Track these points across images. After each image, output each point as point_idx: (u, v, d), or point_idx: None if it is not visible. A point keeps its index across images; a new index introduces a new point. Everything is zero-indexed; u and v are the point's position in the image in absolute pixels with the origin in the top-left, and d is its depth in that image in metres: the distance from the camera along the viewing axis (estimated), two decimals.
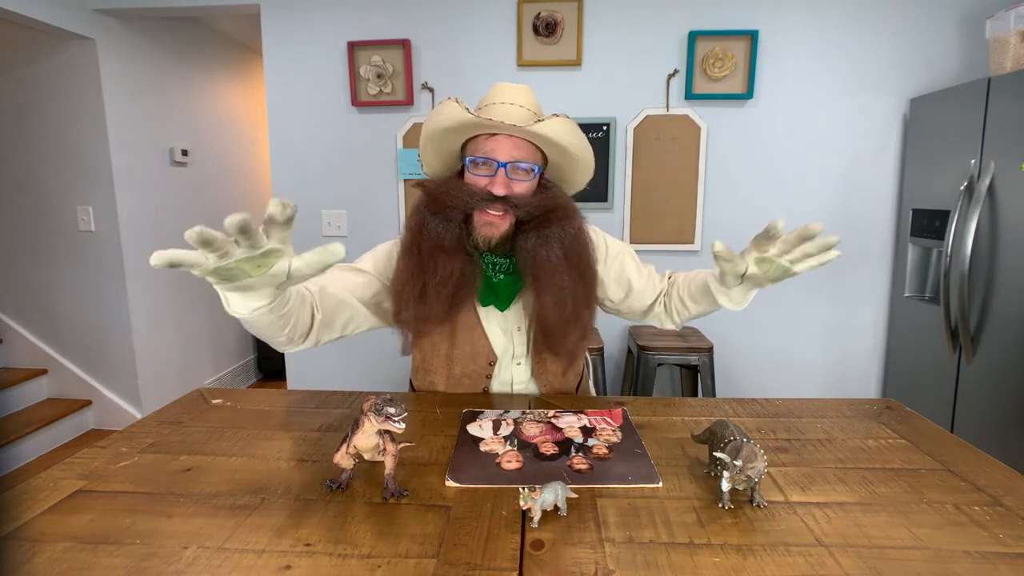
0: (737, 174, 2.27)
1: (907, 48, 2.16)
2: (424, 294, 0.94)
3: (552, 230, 0.94)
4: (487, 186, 0.93)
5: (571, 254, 0.96)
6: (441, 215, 0.94)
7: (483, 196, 0.92)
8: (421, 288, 0.94)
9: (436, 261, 0.93)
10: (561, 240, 0.95)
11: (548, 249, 0.94)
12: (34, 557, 0.59)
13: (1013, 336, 1.65)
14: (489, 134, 0.94)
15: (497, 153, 0.92)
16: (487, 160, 0.93)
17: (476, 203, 0.92)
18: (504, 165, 0.92)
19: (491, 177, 0.93)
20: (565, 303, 0.95)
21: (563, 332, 0.96)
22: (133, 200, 2.61)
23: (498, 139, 0.93)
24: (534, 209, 0.93)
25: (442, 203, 0.94)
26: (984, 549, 0.60)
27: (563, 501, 0.65)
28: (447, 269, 0.93)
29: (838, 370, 2.39)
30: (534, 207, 0.93)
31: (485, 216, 0.94)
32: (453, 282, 0.94)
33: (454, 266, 0.93)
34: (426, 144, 1.00)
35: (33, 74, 2.47)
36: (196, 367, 3.09)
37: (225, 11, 2.41)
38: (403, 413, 0.68)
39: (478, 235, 0.95)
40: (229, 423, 0.93)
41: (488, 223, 0.94)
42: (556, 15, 2.19)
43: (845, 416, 0.96)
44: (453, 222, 0.94)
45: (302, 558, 0.58)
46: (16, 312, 2.73)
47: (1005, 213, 1.67)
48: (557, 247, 0.94)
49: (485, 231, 0.94)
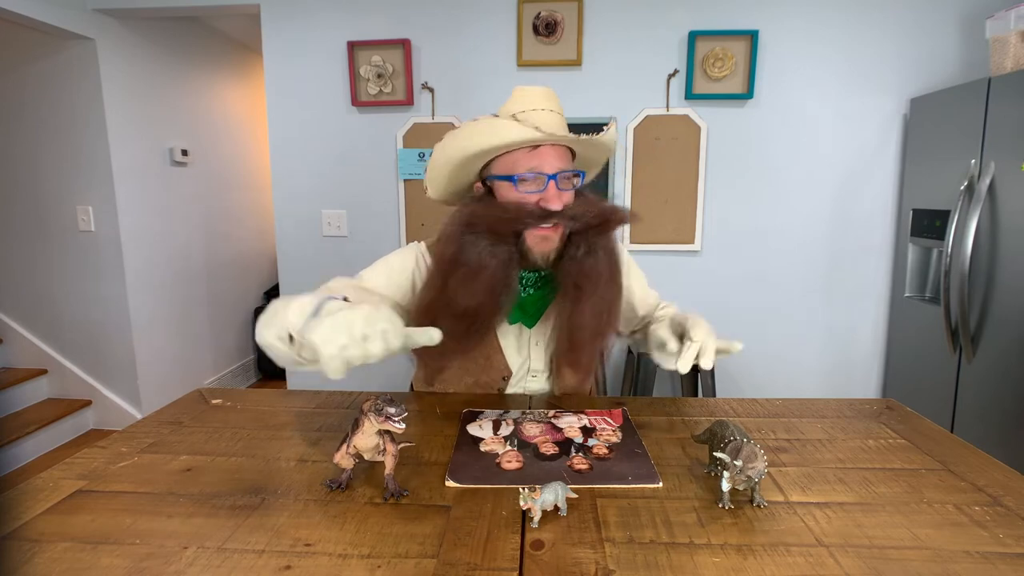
0: (737, 174, 2.27)
1: (907, 48, 2.16)
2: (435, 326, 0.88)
3: (599, 239, 0.92)
4: (539, 202, 0.89)
5: (612, 262, 0.94)
6: (488, 240, 0.88)
7: (539, 213, 0.88)
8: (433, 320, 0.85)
9: (465, 293, 0.88)
10: (606, 247, 0.93)
11: (595, 258, 0.91)
12: (34, 557, 0.59)
13: (1013, 336, 1.65)
14: (532, 147, 0.89)
15: (544, 166, 0.89)
16: (537, 175, 0.89)
17: (535, 221, 0.88)
18: (554, 177, 0.89)
19: (540, 192, 0.89)
20: (602, 313, 0.93)
21: (591, 344, 0.94)
22: (133, 200, 2.61)
23: (542, 151, 0.89)
24: (592, 218, 0.90)
25: (494, 227, 0.88)
26: (984, 549, 0.60)
27: (563, 501, 0.65)
28: (475, 302, 0.88)
29: (838, 370, 2.39)
30: (592, 216, 0.90)
31: (540, 232, 0.90)
32: (468, 318, 0.89)
33: (478, 300, 0.88)
34: (446, 168, 0.94)
35: (33, 74, 2.47)
36: (196, 367, 3.09)
37: (225, 11, 2.41)
38: (403, 413, 0.68)
39: (534, 253, 0.91)
40: (229, 423, 0.93)
41: (543, 238, 0.90)
42: (556, 15, 2.19)
43: (845, 416, 0.96)
44: (503, 245, 0.89)
45: (302, 558, 0.58)
46: (16, 312, 2.73)
47: (1005, 213, 1.67)
48: (603, 255, 0.92)
49: (541, 247, 0.91)
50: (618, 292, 0.96)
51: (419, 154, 2.32)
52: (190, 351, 3.04)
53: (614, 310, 0.95)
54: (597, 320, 0.92)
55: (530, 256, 0.92)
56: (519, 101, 0.94)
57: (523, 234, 0.90)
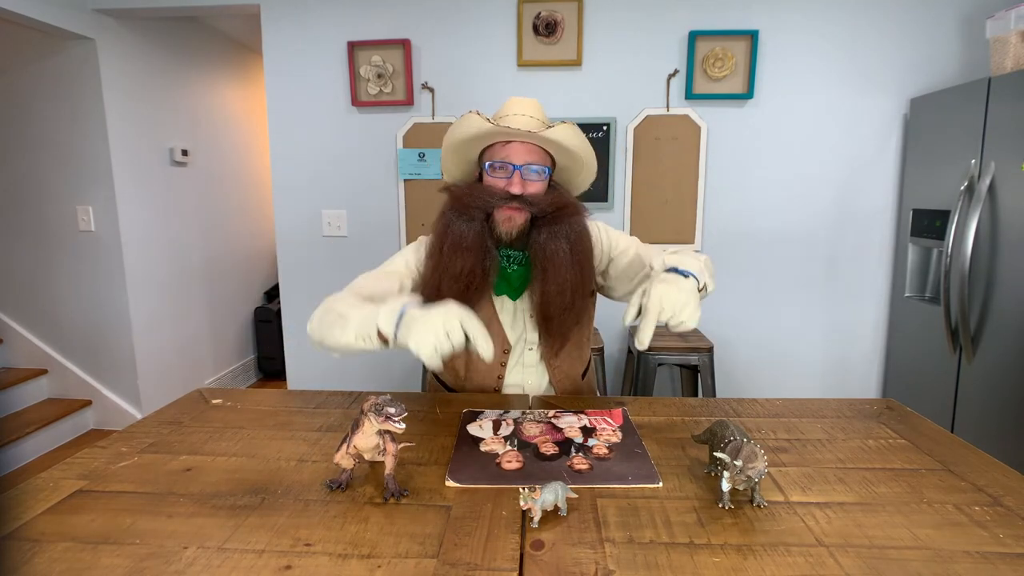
0: (737, 174, 2.27)
1: (907, 48, 2.16)
2: (440, 289, 1.04)
3: (561, 226, 1.06)
4: (505, 187, 1.05)
5: (576, 249, 1.07)
6: (465, 215, 1.06)
7: (502, 195, 1.04)
8: (438, 283, 1.04)
9: (455, 259, 1.04)
10: (567, 236, 1.06)
11: (556, 243, 1.05)
12: (34, 557, 0.59)
13: (1013, 336, 1.65)
14: (505, 141, 1.06)
15: (512, 158, 1.05)
16: (504, 164, 1.05)
17: (496, 201, 1.05)
18: (519, 168, 1.05)
19: (508, 179, 1.05)
20: (565, 292, 1.05)
21: (561, 317, 1.07)
22: (133, 200, 2.61)
23: (513, 146, 1.06)
24: (547, 206, 1.05)
25: (466, 203, 1.06)
26: (984, 549, 0.60)
27: (563, 501, 0.65)
28: (464, 265, 1.03)
29: (838, 370, 2.39)
30: (547, 204, 1.05)
31: (504, 212, 1.05)
32: (466, 276, 1.04)
33: (472, 262, 1.04)
34: (448, 153, 1.13)
35: (33, 74, 2.47)
36: (196, 367, 3.09)
37: (225, 11, 2.41)
38: (403, 413, 0.68)
39: (500, 229, 1.06)
40: (229, 423, 0.93)
41: (507, 217, 1.05)
42: (556, 15, 2.19)
43: (845, 416, 0.96)
44: (476, 220, 1.05)
45: (302, 558, 0.58)
46: (16, 312, 2.73)
47: (1005, 213, 1.67)
48: (564, 242, 1.05)
49: (505, 225, 1.05)
50: (582, 275, 1.08)
51: (419, 154, 2.32)
52: (190, 351, 3.04)
53: (577, 289, 1.07)
54: (561, 296, 1.06)
55: (497, 231, 1.06)
56: (505, 108, 1.11)
57: (493, 213, 1.06)
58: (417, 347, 0.75)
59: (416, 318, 0.78)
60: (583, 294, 1.09)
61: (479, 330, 0.78)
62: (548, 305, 1.06)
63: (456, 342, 0.77)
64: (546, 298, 1.06)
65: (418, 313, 0.80)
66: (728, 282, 2.34)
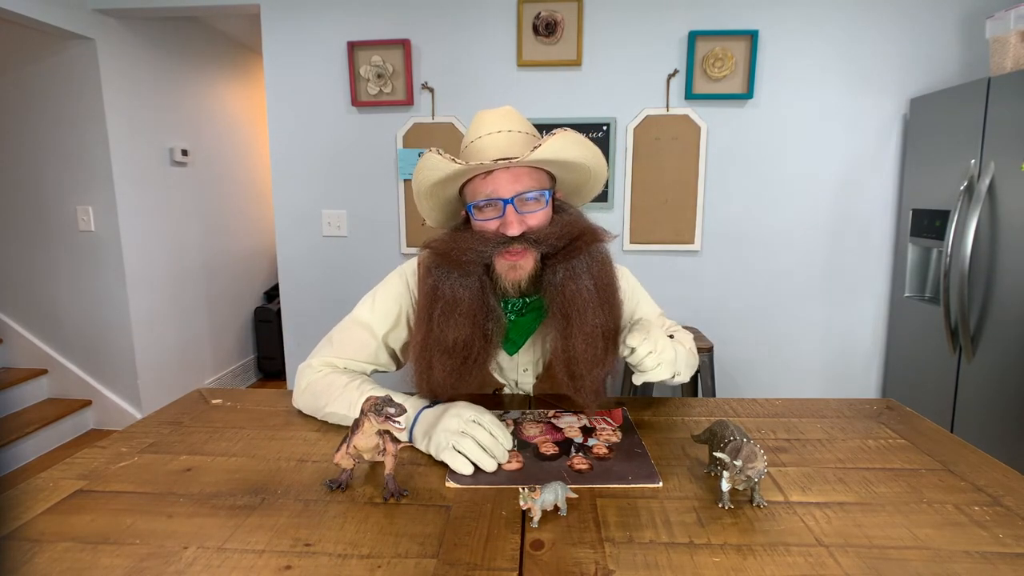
0: (737, 174, 2.27)
1: (907, 48, 2.16)
2: (431, 366, 0.88)
3: (580, 260, 0.87)
4: (499, 228, 0.86)
5: (600, 285, 0.88)
6: (457, 272, 0.87)
7: (498, 240, 0.85)
8: (430, 361, 0.88)
9: (447, 328, 0.86)
10: (589, 270, 0.87)
11: (577, 282, 0.86)
12: (34, 557, 0.59)
13: (1013, 336, 1.65)
14: (486, 173, 0.87)
15: (500, 191, 0.85)
16: (491, 201, 0.86)
17: (492, 249, 0.85)
18: (510, 201, 0.85)
19: (500, 218, 0.86)
20: (596, 342, 0.86)
21: (590, 372, 0.86)
22: (133, 200, 2.61)
23: (495, 176, 0.86)
24: (557, 240, 0.85)
25: (456, 259, 0.86)
26: (984, 549, 0.60)
27: (563, 501, 0.65)
28: (459, 336, 0.86)
29: (838, 370, 2.39)
30: (557, 237, 0.85)
31: (506, 259, 0.87)
32: (462, 350, 0.87)
33: (469, 331, 0.87)
34: (420, 199, 0.96)
35: (33, 74, 2.47)
36: (196, 367, 3.09)
37: (225, 11, 2.41)
38: (403, 413, 0.68)
39: (505, 282, 0.88)
40: (229, 423, 0.93)
41: (511, 267, 0.87)
42: (556, 15, 2.19)
43: (845, 416, 0.96)
44: (472, 277, 0.87)
45: (302, 558, 0.58)
46: (16, 312, 2.73)
47: (1005, 213, 1.67)
48: (587, 279, 0.86)
49: (511, 276, 0.87)
50: (610, 316, 0.89)
51: (419, 154, 2.31)
52: (190, 351, 3.04)
53: (609, 336, 0.87)
54: (592, 349, 0.86)
55: (501, 285, 0.89)
56: (475, 127, 0.92)
57: (492, 263, 0.88)
58: (455, 465, 0.74)
59: (431, 431, 0.79)
60: (614, 340, 0.88)
61: (489, 441, 0.76)
62: (575, 362, 0.86)
63: (480, 439, 0.76)
64: (571, 353, 0.86)
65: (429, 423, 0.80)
66: (728, 282, 2.34)
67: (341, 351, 1.01)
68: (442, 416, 0.80)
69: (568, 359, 0.87)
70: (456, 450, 0.75)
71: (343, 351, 1.01)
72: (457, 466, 0.74)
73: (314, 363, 1.00)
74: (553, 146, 0.83)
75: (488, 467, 0.75)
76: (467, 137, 0.94)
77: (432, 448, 0.78)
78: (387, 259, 2.39)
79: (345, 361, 1.02)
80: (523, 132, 0.91)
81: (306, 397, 0.95)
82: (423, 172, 0.89)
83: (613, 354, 0.88)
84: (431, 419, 0.81)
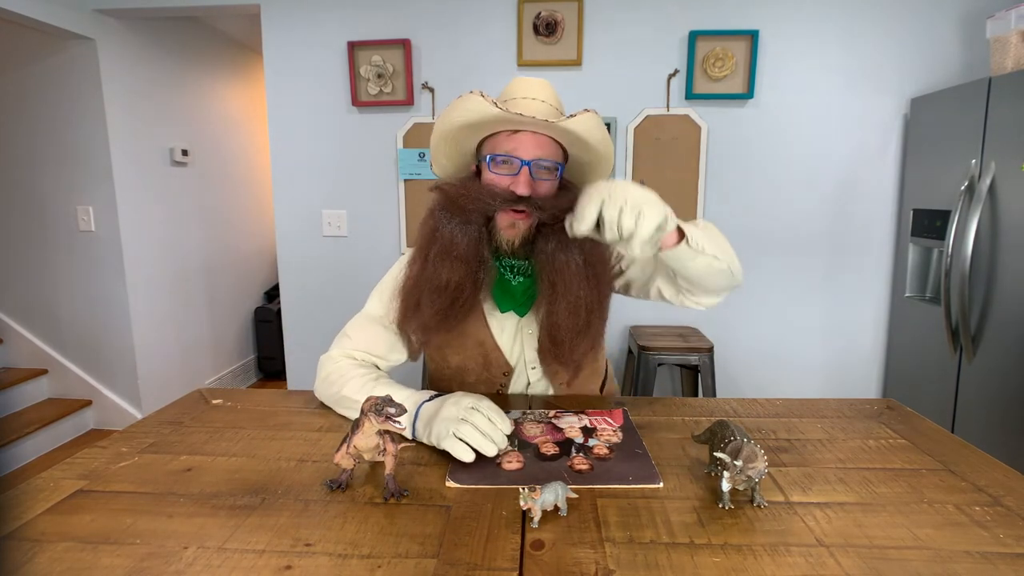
0: (737, 174, 2.27)
1: (907, 48, 2.16)
2: (420, 304, 0.92)
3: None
4: (510, 186, 0.88)
5: (591, 261, 0.91)
6: (459, 218, 0.90)
7: (506, 196, 0.87)
8: (419, 296, 0.93)
9: (441, 267, 0.90)
10: (581, 245, 0.89)
11: (568, 254, 0.89)
12: (34, 557, 0.59)
13: (1014, 336, 1.65)
14: (511, 131, 0.89)
15: (520, 151, 0.88)
16: (509, 158, 0.88)
17: (499, 204, 0.88)
18: (528, 164, 0.88)
19: (513, 176, 0.88)
20: (579, 312, 0.90)
21: (572, 341, 0.92)
22: (133, 200, 2.61)
23: (521, 136, 0.89)
24: (559, 211, 0.86)
25: (462, 206, 0.89)
26: (984, 549, 0.60)
27: (563, 501, 0.65)
28: (451, 276, 0.89)
29: (838, 370, 2.39)
30: (559, 209, 0.86)
31: (508, 216, 0.90)
32: (452, 290, 0.90)
33: (461, 274, 0.90)
34: (440, 142, 0.96)
35: (33, 74, 2.47)
36: (196, 367, 3.09)
37: (225, 11, 2.41)
38: (403, 413, 0.68)
39: (501, 237, 0.92)
40: (229, 423, 0.93)
41: (511, 224, 0.90)
42: (556, 15, 2.19)
43: (845, 416, 0.96)
44: (473, 225, 0.90)
45: (302, 558, 0.58)
46: (16, 312, 2.73)
47: (1006, 213, 1.67)
48: (577, 253, 0.89)
49: (508, 232, 0.91)
50: (598, 292, 0.92)
51: (419, 154, 2.32)
52: (190, 351, 3.04)
53: (593, 309, 0.91)
54: (574, 318, 0.90)
55: (496, 239, 0.92)
56: (511, 89, 0.94)
57: (494, 217, 0.91)
58: (455, 453, 0.75)
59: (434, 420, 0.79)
60: (600, 315, 0.94)
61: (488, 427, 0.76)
62: (557, 328, 0.91)
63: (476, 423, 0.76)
64: (554, 319, 0.90)
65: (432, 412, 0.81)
66: None
67: (358, 344, 1.04)
68: (441, 407, 0.81)
69: (551, 324, 0.92)
70: (457, 437, 0.76)
71: (359, 344, 1.04)
72: (458, 453, 0.74)
73: (334, 353, 1.04)
74: (586, 123, 0.86)
75: (488, 451, 0.75)
76: (504, 94, 0.95)
77: (434, 439, 0.79)
78: (387, 259, 2.39)
79: (363, 354, 1.04)
80: (555, 107, 0.94)
81: (324, 386, 0.99)
82: (457, 111, 0.88)
83: (598, 327, 0.94)
84: (431, 411, 0.82)
